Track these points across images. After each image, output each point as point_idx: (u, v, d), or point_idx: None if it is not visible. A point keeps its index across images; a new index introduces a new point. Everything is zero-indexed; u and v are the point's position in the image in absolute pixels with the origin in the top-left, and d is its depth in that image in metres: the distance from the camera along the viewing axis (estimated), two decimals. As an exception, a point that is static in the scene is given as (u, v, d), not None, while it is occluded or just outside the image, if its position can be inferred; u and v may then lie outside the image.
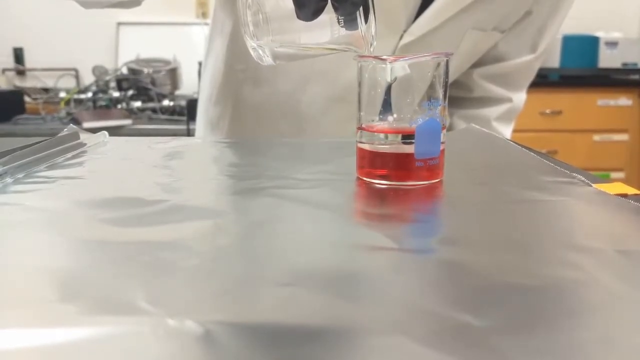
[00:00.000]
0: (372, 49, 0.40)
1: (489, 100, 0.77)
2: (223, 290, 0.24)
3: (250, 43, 0.40)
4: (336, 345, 0.19)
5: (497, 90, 0.76)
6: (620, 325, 0.21)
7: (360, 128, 0.42)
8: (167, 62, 2.08)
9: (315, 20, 0.37)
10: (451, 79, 0.74)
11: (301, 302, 0.23)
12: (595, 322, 0.21)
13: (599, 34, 2.26)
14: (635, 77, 2.26)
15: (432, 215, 0.37)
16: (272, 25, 0.39)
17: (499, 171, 0.47)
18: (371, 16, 0.38)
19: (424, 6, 0.64)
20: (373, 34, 0.39)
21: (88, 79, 2.18)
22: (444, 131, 0.41)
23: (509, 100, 0.77)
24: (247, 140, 0.64)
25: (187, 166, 0.50)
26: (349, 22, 0.38)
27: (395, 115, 0.41)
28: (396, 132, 0.40)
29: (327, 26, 0.38)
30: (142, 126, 1.76)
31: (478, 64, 0.75)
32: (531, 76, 0.78)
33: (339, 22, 0.38)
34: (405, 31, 0.65)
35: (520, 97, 0.78)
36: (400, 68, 0.39)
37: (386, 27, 0.63)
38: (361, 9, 0.37)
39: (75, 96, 1.97)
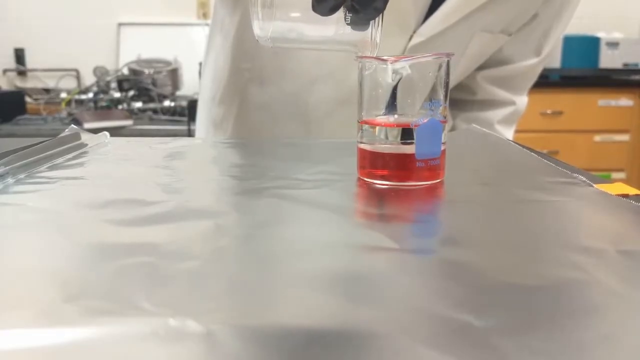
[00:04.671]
0: (375, 53, 0.40)
1: (492, 103, 0.77)
2: (224, 291, 0.24)
3: (255, 23, 0.40)
4: (338, 346, 0.19)
5: (500, 93, 0.76)
6: (621, 325, 0.21)
7: (361, 122, 0.42)
8: (168, 63, 2.08)
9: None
10: (458, 81, 0.73)
11: (303, 303, 0.23)
12: (596, 322, 0.21)
13: (600, 34, 2.26)
14: (636, 77, 2.26)
15: (433, 216, 0.37)
16: (278, 10, 0.39)
17: (500, 172, 0.47)
18: (379, 20, 0.38)
19: (433, 7, 0.64)
20: (378, 38, 0.39)
21: (89, 79, 2.18)
22: (445, 131, 0.41)
23: (512, 103, 0.77)
24: (247, 141, 0.64)
25: (188, 167, 0.51)
26: (357, 22, 0.38)
27: (396, 116, 0.41)
28: (396, 126, 0.40)
29: (333, 22, 0.38)
30: (143, 127, 1.76)
31: (482, 66, 0.75)
32: (534, 79, 0.78)
33: (345, 19, 0.38)
34: (414, 32, 0.64)
35: (522, 100, 0.79)
36: (403, 69, 0.39)
37: (396, 27, 0.63)
38: None
39: (77, 97, 1.97)
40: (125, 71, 2.06)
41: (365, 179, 0.42)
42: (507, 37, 0.70)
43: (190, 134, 1.65)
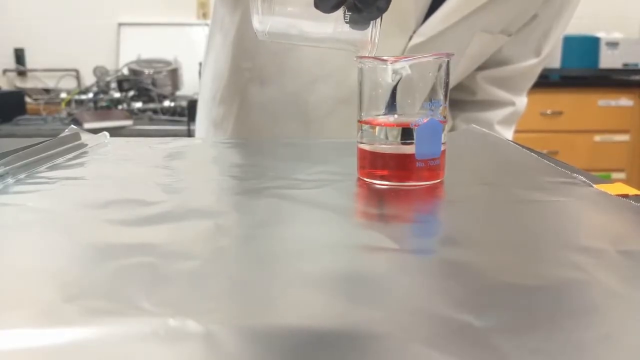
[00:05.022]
0: (374, 52, 0.40)
1: (492, 104, 0.77)
2: (224, 291, 0.24)
3: (254, 17, 0.40)
4: (338, 346, 0.19)
5: (500, 93, 0.76)
6: (621, 325, 0.21)
7: (361, 122, 0.42)
8: (168, 63, 2.08)
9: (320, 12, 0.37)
10: (457, 81, 0.73)
11: (302, 303, 0.23)
12: (596, 322, 0.21)
13: (599, 34, 2.26)
14: (636, 77, 2.26)
15: (433, 216, 0.37)
16: (277, 5, 0.39)
17: (500, 172, 0.47)
18: (378, 20, 0.38)
19: (433, 8, 0.64)
20: (377, 38, 0.39)
21: (89, 79, 2.18)
22: (445, 132, 0.41)
23: (512, 103, 0.77)
24: (247, 141, 0.64)
25: (188, 167, 0.51)
26: (357, 21, 0.38)
27: (396, 116, 0.41)
28: (396, 126, 0.40)
29: (332, 20, 0.38)
30: (143, 127, 1.76)
31: (482, 67, 0.75)
32: (533, 79, 0.78)
33: (344, 18, 0.38)
34: (414, 32, 0.64)
35: (522, 101, 0.79)
36: (403, 69, 0.39)
37: (396, 27, 0.63)
38: None
39: (76, 97, 1.97)
40: (125, 71, 2.06)
41: (365, 179, 0.42)
42: (507, 37, 0.70)
43: (190, 134, 1.65)
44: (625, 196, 0.37)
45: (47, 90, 2.14)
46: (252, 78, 0.71)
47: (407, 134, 0.40)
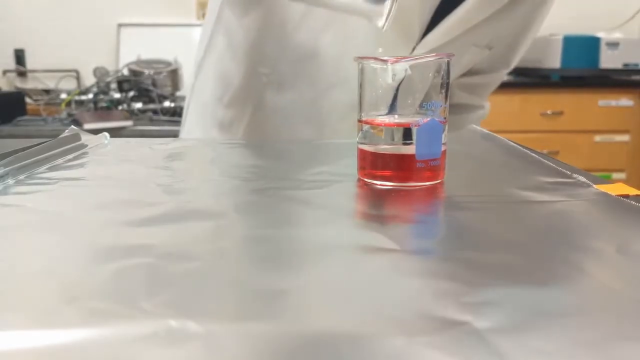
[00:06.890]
0: (384, 28, 0.40)
1: (465, 107, 0.84)
2: (225, 292, 0.24)
3: None
4: (338, 347, 0.19)
5: (472, 98, 0.84)
6: (621, 325, 0.21)
7: (362, 122, 0.42)
8: (168, 64, 2.08)
9: None
10: None
11: (302, 304, 0.23)
12: (595, 322, 0.21)
13: (600, 34, 2.26)
14: (637, 77, 2.26)
15: (433, 216, 0.37)
16: None
17: (500, 172, 0.47)
18: None
19: (434, 22, 0.67)
20: (394, 10, 0.39)
21: (89, 80, 2.18)
22: (445, 132, 0.41)
23: (482, 107, 0.85)
24: (247, 142, 0.64)
25: (188, 167, 0.51)
26: None
27: (396, 116, 0.41)
28: (397, 127, 0.40)
29: None
30: (143, 127, 1.76)
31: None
32: (496, 86, 0.86)
33: None
34: (417, 44, 0.67)
35: (487, 104, 0.87)
36: (403, 70, 0.40)
37: (400, 39, 0.66)
38: None
39: (76, 97, 1.97)
40: (125, 72, 2.06)
41: (366, 180, 0.42)
42: (489, 50, 0.75)
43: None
44: (626, 196, 0.37)
45: (47, 91, 2.14)
46: (269, 83, 0.71)
47: (407, 134, 0.40)
